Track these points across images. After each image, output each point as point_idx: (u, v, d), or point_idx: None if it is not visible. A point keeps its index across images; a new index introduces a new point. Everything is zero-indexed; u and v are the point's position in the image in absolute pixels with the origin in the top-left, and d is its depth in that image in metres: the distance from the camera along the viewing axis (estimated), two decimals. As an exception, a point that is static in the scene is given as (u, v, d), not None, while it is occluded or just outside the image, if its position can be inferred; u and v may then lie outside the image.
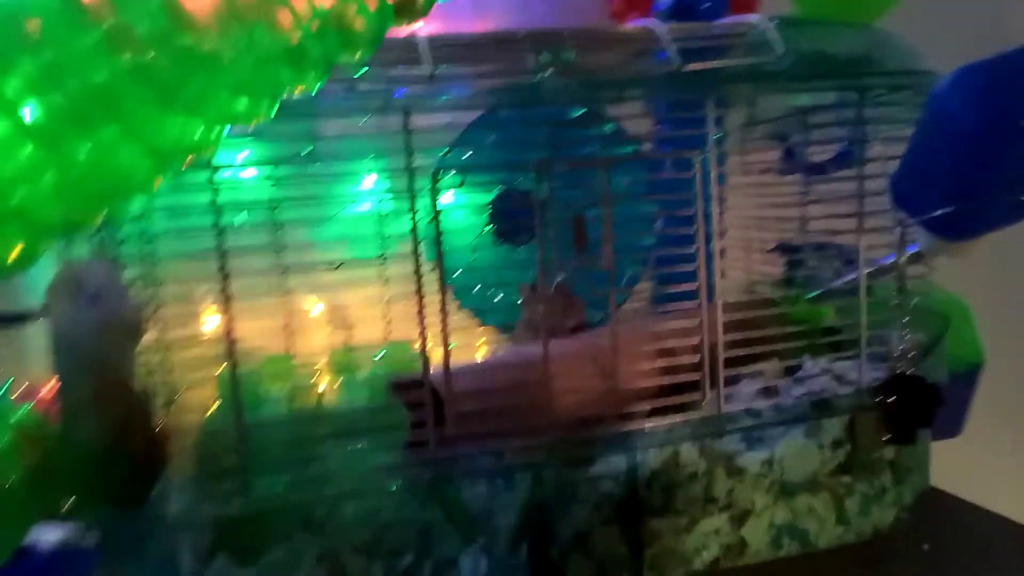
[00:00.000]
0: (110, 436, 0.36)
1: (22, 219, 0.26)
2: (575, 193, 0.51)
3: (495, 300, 0.65)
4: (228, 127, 0.30)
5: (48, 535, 0.58)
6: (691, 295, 0.50)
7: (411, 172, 0.43)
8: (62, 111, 0.27)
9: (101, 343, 0.36)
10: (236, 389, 0.41)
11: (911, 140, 0.45)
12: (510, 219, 0.65)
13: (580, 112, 0.59)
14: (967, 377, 0.61)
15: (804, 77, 0.49)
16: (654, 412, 0.51)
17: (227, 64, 0.29)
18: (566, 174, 0.52)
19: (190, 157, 0.29)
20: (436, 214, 0.43)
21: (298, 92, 0.31)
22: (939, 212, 0.43)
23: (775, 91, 0.54)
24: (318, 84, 0.31)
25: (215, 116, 0.30)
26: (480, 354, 0.60)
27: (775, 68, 0.48)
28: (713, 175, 0.49)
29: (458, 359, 0.47)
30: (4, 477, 0.39)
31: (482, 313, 0.66)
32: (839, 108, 0.57)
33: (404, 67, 0.42)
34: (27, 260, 0.27)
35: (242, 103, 0.30)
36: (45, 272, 0.41)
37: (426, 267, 0.45)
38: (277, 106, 0.31)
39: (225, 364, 0.43)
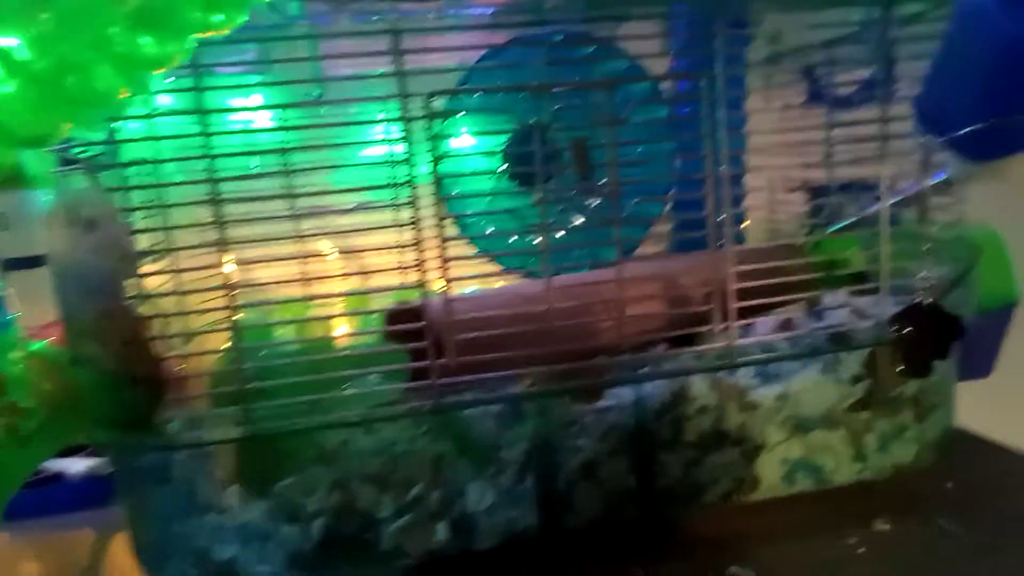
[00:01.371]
0: (111, 359, 0.37)
1: (-6, 128, 0.26)
2: (578, 118, 0.49)
3: (510, 243, 0.64)
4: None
5: (76, 465, 0.61)
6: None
7: (404, 98, 0.42)
8: (34, 32, 0.26)
9: (98, 269, 0.36)
10: (234, 308, 0.41)
11: (938, 52, 0.43)
12: (526, 161, 0.64)
13: (592, 47, 0.57)
14: (999, 315, 0.59)
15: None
16: (667, 345, 0.50)
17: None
18: (571, 103, 0.50)
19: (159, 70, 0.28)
20: (433, 138, 0.42)
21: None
22: (967, 130, 0.41)
23: (790, 8, 0.51)
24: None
25: (187, 30, 0.29)
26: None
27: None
28: (723, 99, 0.47)
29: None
30: (20, 403, 0.40)
31: (499, 257, 0.65)
32: (865, 31, 0.54)
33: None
34: (4, 170, 0.27)
35: (215, 17, 0.29)
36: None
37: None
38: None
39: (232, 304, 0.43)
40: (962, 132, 0.41)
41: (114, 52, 0.28)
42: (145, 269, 0.55)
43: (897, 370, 0.48)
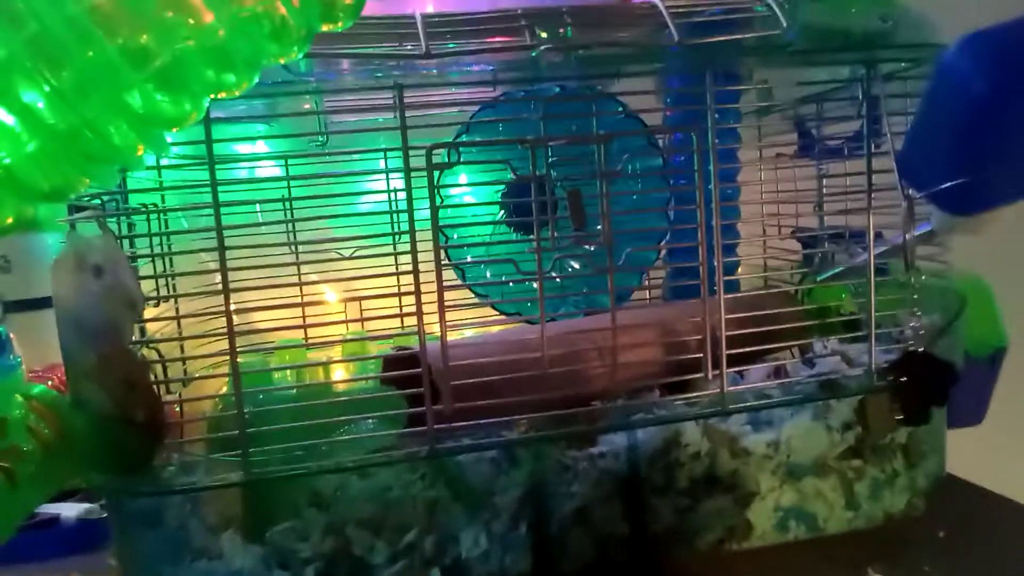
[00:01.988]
0: (112, 403, 0.37)
1: (10, 183, 0.27)
2: (574, 170, 0.51)
3: (510, 289, 0.65)
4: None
5: (70, 509, 0.61)
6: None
7: (406, 151, 0.44)
8: (49, 87, 0.28)
9: (103, 314, 0.37)
10: (234, 354, 0.42)
11: (918, 111, 0.44)
12: (523, 210, 0.65)
13: (588, 96, 0.59)
14: (989, 362, 0.59)
15: (809, 51, 0.48)
16: (661, 391, 0.51)
17: (217, 43, 0.30)
18: (567, 154, 0.52)
19: (175, 128, 0.30)
20: (431, 189, 0.44)
21: (282, 61, 0.32)
22: (947, 185, 0.42)
23: (778, 65, 0.53)
24: (300, 54, 0.32)
25: (202, 91, 0.31)
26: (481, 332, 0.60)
27: (778, 42, 0.47)
28: (714, 152, 0.48)
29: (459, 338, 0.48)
30: (21, 445, 0.41)
31: (497, 304, 0.66)
32: (852, 87, 0.56)
33: (399, 45, 0.43)
34: (23, 223, 0.28)
35: (228, 78, 0.31)
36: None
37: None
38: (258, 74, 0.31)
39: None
40: (941, 187, 0.42)
41: (132, 111, 0.29)
42: (147, 314, 0.56)
43: (896, 418, 0.48)
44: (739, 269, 0.70)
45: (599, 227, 0.48)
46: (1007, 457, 0.77)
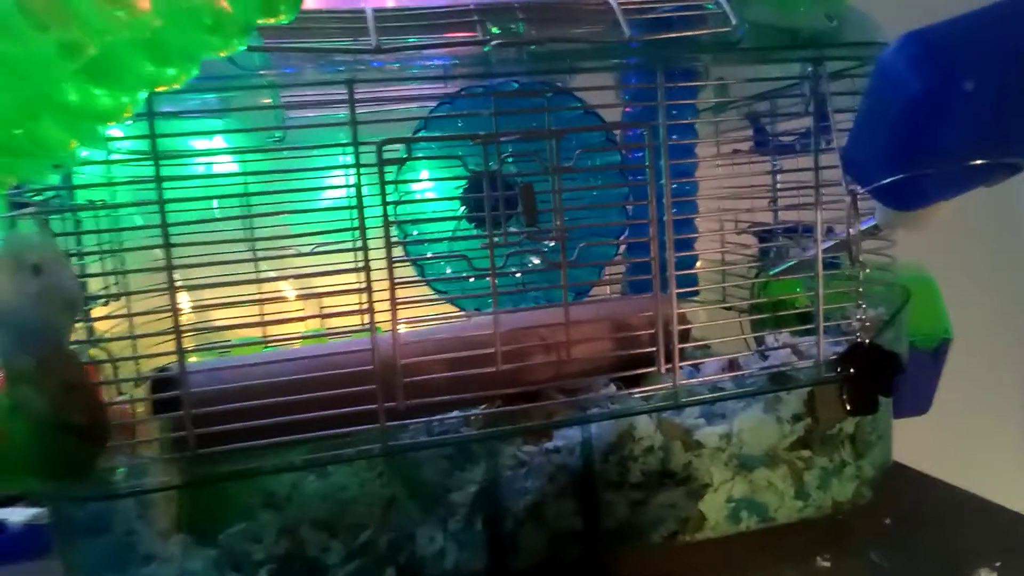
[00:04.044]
0: (50, 407, 0.36)
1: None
2: (533, 164, 0.51)
3: (470, 285, 0.65)
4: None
5: (16, 515, 0.60)
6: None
7: (356, 146, 0.44)
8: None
9: (42, 315, 0.36)
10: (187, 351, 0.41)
11: (859, 108, 0.45)
12: (482, 206, 0.65)
13: (546, 90, 0.59)
14: (935, 353, 0.61)
15: (757, 48, 0.49)
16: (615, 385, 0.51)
17: (153, 35, 0.29)
18: (526, 149, 0.52)
19: (110, 123, 0.29)
20: (381, 182, 0.44)
21: (222, 54, 0.31)
22: (887, 181, 0.43)
23: (729, 62, 0.53)
24: (241, 47, 0.32)
25: (138, 84, 0.30)
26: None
27: (728, 39, 0.47)
28: (665, 147, 0.49)
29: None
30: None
31: (458, 300, 0.66)
32: (803, 84, 0.57)
33: (353, 40, 0.42)
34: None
35: (166, 71, 0.30)
36: None
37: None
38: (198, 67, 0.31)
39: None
40: (882, 183, 0.43)
41: (64, 105, 0.28)
42: (97, 312, 0.55)
43: (845, 409, 0.49)
44: (698, 264, 0.71)
45: (556, 223, 0.48)
46: (952, 446, 0.79)
